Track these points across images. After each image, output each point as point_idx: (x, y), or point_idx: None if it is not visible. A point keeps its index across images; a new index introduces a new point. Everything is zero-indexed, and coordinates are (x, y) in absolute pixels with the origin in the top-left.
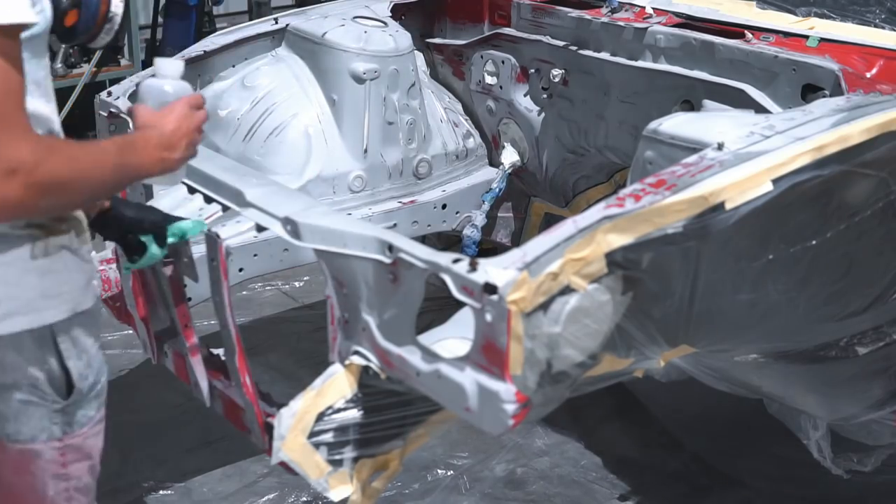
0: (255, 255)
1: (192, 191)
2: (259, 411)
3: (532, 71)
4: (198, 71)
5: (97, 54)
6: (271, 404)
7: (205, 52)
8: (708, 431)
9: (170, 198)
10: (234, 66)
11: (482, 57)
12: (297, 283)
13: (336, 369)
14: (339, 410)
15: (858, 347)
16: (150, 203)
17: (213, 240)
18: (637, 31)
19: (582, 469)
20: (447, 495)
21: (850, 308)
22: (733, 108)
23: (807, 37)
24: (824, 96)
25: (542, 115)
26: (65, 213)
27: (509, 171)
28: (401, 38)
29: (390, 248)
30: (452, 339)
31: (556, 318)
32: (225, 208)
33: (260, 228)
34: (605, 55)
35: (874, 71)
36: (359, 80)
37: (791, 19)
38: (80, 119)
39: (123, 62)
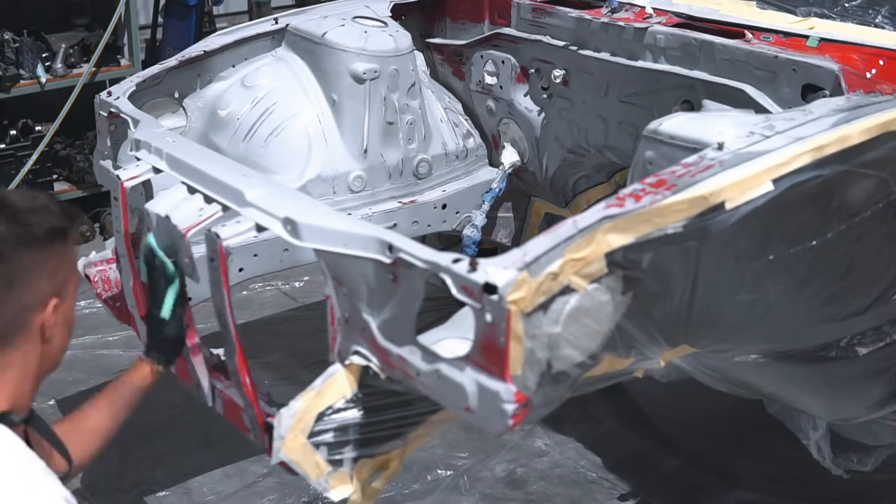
0: (255, 255)
1: (192, 191)
2: (259, 411)
3: (532, 71)
4: (198, 71)
5: (96, 54)
6: (271, 404)
7: (205, 52)
8: (707, 431)
9: (170, 198)
10: (234, 66)
11: (482, 57)
12: (297, 283)
13: (336, 369)
14: (339, 410)
15: (859, 348)
16: (149, 203)
17: (213, 240)
18: (637, 31)
19: (582, 469)
20: (447, 495)
21: (850, 308)
22: (733, 108)
23: (807, 37)
24: (824, 96)
25: (542, 115)
26: None
27: (509, 171)
28: (401, 38)
29: (390, 248)
30: (452, 339)
31: (556, 318)
32: (225, 208)
33: (260, 228)
34: (605, 55)
35: (874, 71)
36: (359, 80)
37: (791, 19)
38: (81, 119)
39: (123, 62)
